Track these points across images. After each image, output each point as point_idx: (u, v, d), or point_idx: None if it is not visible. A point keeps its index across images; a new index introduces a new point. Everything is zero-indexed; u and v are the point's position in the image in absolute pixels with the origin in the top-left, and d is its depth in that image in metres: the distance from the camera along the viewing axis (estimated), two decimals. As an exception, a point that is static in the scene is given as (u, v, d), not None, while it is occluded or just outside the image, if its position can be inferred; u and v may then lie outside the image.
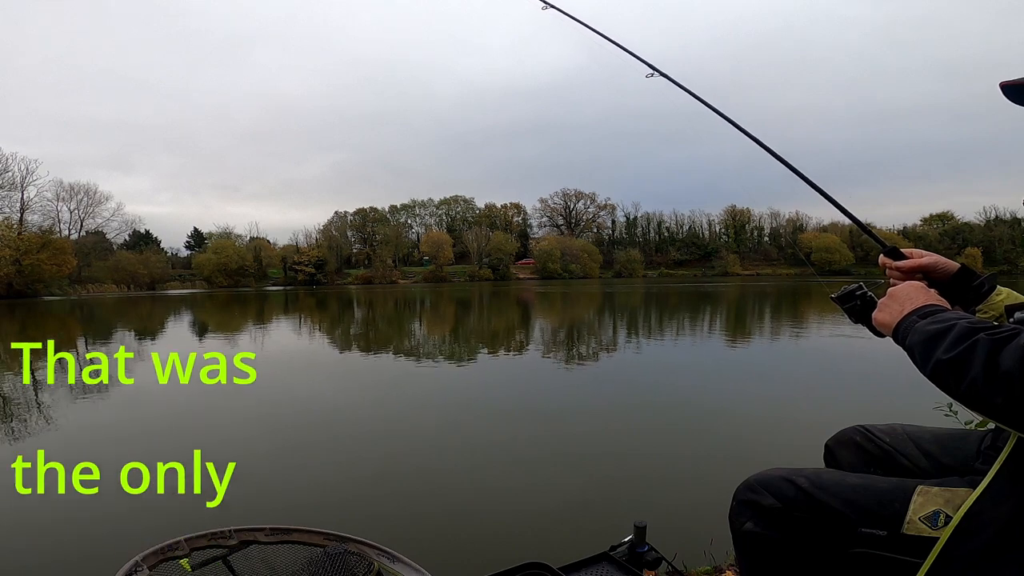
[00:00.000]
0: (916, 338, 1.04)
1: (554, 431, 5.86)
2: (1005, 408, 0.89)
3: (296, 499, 4.12)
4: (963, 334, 0.96)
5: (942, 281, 1.34)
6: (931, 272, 1.34)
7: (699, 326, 17.20)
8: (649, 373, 9.53)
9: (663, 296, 33.66)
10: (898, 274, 1.35)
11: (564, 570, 1.98)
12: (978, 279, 1.31)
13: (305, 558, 1.73)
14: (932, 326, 1.03)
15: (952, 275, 1.33)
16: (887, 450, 1.41)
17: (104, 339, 16.66)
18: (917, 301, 1.13)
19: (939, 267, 1.33)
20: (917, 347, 1.03)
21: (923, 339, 1.02)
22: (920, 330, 1.05)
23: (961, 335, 0.96)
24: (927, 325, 1.04)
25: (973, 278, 1.31)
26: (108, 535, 3.59)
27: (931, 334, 1.01)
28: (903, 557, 1.09)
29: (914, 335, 1.05)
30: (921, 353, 1.02)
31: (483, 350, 12.65)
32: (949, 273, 1.33)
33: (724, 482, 1.63)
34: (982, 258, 71.57)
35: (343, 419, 6.59)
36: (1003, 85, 1.12)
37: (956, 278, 1.33)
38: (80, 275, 54.54)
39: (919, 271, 1.34)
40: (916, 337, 1.04)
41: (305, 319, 23.30)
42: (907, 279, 1.34)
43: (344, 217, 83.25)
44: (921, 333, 1.04)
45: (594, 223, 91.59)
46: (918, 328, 1.06)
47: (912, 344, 1.05)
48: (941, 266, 1.33)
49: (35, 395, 8.36)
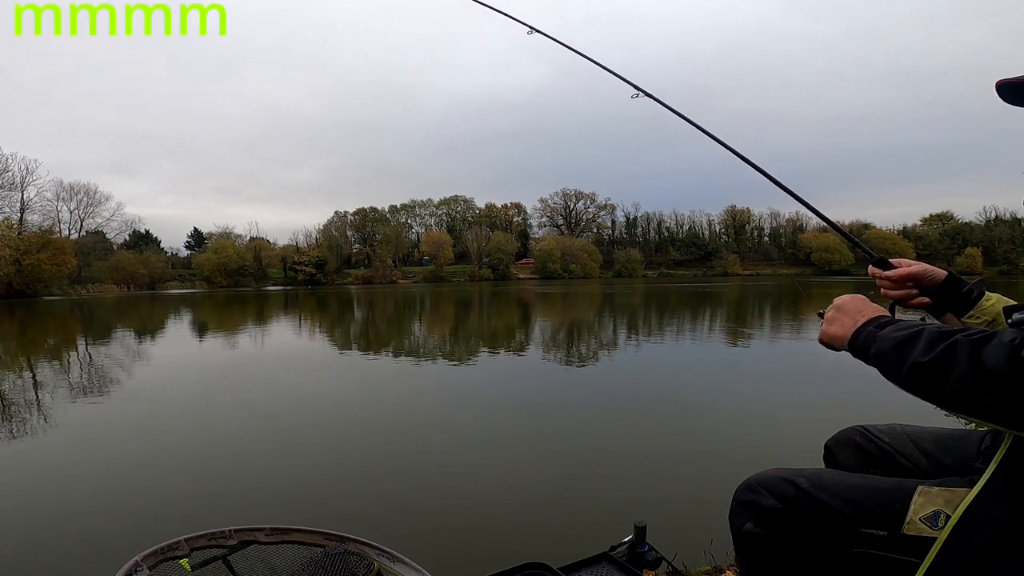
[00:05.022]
0: (885, 344, 1.02)
1: (554, 431, 5.86)
2: (995, 407, 0.88)
3: (296, 499, 4.11)
4: (937, 337, 0.95)
5: (931, 289, 1.35)
6: (920, 280, 1.35)
7: (699, 326, 17.20)
8: (649, 373, 9.53)
9: (663, 296, 33.66)
10: (888, 283, 1.37)
11: (564, 570, 1.98)
12: (966, 286, 1.32)
13: (305, 558, 1.73)
14: (899, 332, 1.01)
15: (940, 283, 1.34)
16: (887, 450, 1.41)
17: (104, 338, 16.66)
18: (868, 312, 1.12)
19: (927, 275, 1.34)
20: (888, 353, 1.01)
21: (893, 345, 1.00)
22: (887, 337, 1.02)
23: (935, 338, 0.95)
24: (892, 332, 1.02)
25: (961, 285, 1.32)
26: (108, 535, 3.59)
27: (900, 339, 0.99)
28: (904, 557, 1.09)
29: (882, 342, 1.03)
30: (894, 359, 0.99)
31: (483, 350, 12.65)
32: (937, 281, 1.34)
33: (724, 482, 1.63)
34: (982, 258, 71.64)
35: (343, 418, 6.59)
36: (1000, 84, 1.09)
37: (944, 285, 1.34)
38: (80, 275, 54.55)
39: (909, 279, 1.35)
40: (885, 344, 1.02)
41: (305, 319, 23.30)
42: (898, 288, 1.35)
43: (344, 217, 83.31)
44: (889, 340, 1.01)
45: (594, 223, 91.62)
46: (883, 335, 1.03)
47: (881, 351, 1.02)
48: (929, 274, 1.35)
49: (35, 394, 8.35)
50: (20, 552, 3.43)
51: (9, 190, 49.96)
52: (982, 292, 1.30)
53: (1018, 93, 1.08)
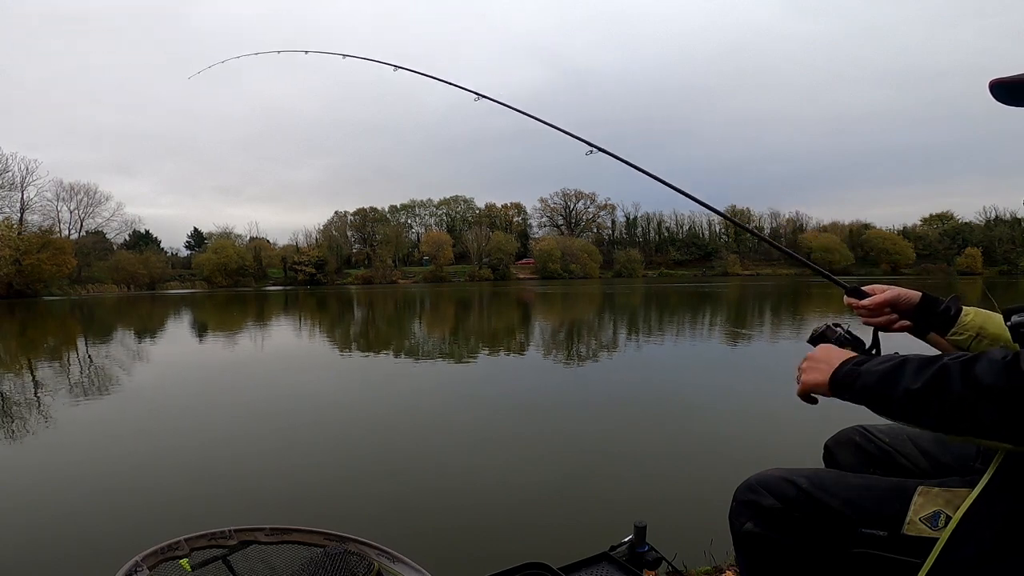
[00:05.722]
0: (870, 378, 1.02)
1: (554, 431, 5.86)
2: (998, 423, 0.87)
3: (296, 499, 4.12)
4: (924, 363, 0.96)
5: (908, 312, 1.36)
6: (897, 305, 1.37)
7: (699, 326, 17.20)
8: (649, 372, 9.53)
9: (663, 296, 33.65)
10: (865, 311, 1.38)
11: (564, 570, 1.98)
12: (943, 304, 1.33)
13: (305, 558, 1.73)
14: (881, 366, 1.01)
15: (916, 304, 1.35)
16: (886, 450, 1.41)
17: (104, 339, 16.66)
18: (842, 356, 1.12)
19: (903, 299, 1.36)
20: (874, 387, 1.01)
21: (878, 378, 1.00)
22: (869, 371, 1.02)
23: (922, 365, 0.96)
24: (875, 366, 1.02)
25: (937, 304, 1.34)
26: (108, 535, 3.59)
27: (884, 372, 1.00)
28: (904, 557, 1.08)
29: (866, 376, 1.02)
30: (881, 392, 0.99)
31: (483, 350, 12.65)
32: (913, 303, 1.36)
33: (724, 482, 1.63)
34: (982, 258, 71.60)
35: (343, 418, 6.59)
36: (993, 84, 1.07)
37: (921, 307, 1.35)
38: (80, 275, 54.52)
39: (886, 306, 1.36)
40: (870, 378, 1.02)
41: (305, 319, 23.30)
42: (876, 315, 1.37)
43: (344, 217, 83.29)
44: (872, 373, 1.02)
45: (594, 223, 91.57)
46: (866, 370, 1.03)
47: (867, 384, 1.02)
48: (904, 297, 1.36)
49: (35, 394, 8.35)
50: (20, 552, 3.43)
51: (9, 190, 50.03)
52: (959, 309, 1.32)
53: (1013, 92, 1.08)
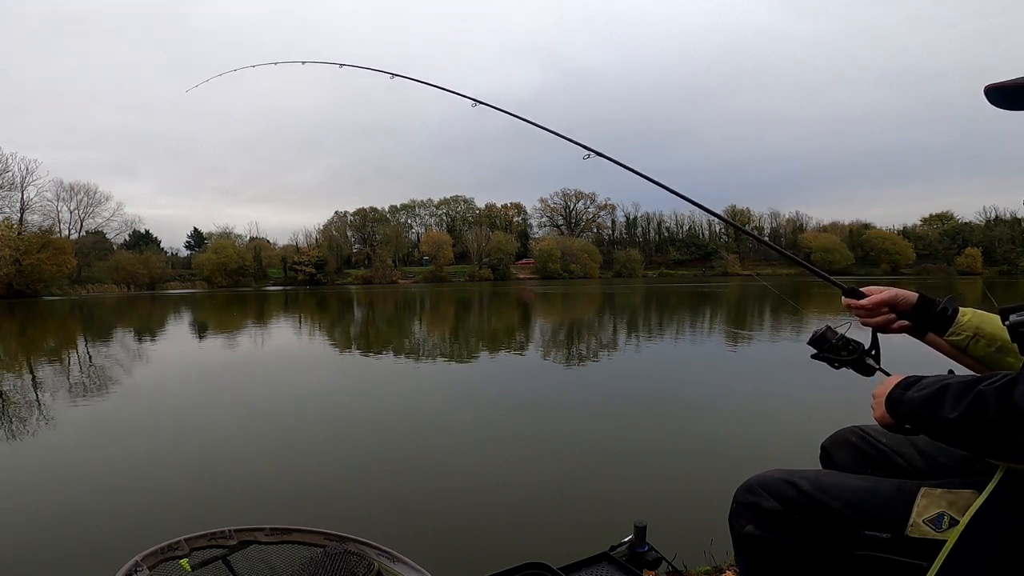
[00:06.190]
0: (912, 406, 1.07)
1: (554, 431, 5.86)
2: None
3: (296, 499, 4.11)
4: (961, 391, 0.98)
5: (906, 312, 1.38)
6: (894, 305, 1.38)
7: (698, 326, 17.20)
8: (648, 372, 9.52)
9: (663, 296, 33.64)
10: (863, 312, 1.40)
11: (564, 570, 1.97)
12: (940, 304, 1.35)
13: (305, 558, 1.73)
14: (919, 392, 1.06)
15: (914, 304, 1.37)
16: (883, 450, 1.41)
17: (104, 339, 16.66)
18: (890, 383, 1.16)
19: (900, 299, 1.37)
20: (918, 412, 1.05)
21: (919, 405, 1.05)
22: (911, 399, 1.07)
23: (959, 392, 0.98)
24: (914, 393, 1.07)
25: (935, 305, 1.35)
26: (108, 535, 3.59)
27: (923, 399, 1.04)
28: (907, 560, 1.08)
29: (908, 404, 1.08)
30: (925, 418, 1.04)
31: (483, 350, 12.65)
32: (911, 303, 1.37)
33: (724, 482, 1.63)
34: (982, 258, 71.57)
35: (343, 418, 6.58)
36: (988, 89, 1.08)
37: (918, 307, 1.37)
38: (80, 275, 54.50)
39: (883, 305, 1.38)
40: (912, 406, 1.07)
41: (305, 319, 23.30)
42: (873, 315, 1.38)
43: (344, 217, 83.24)
44: (915, 402, 1.06)
45: (594, 223, 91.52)
46: (908, 399, 1.08)
47: (910, 412, 1.07)
48: (902, 298, 1.37)
49: (35, 394, 8.35)
50: (20, 552, 3.43)
51: (9, 190, 49.95)
52: (956, 309, 1.33)
53: (1009, 97, 1.08)
